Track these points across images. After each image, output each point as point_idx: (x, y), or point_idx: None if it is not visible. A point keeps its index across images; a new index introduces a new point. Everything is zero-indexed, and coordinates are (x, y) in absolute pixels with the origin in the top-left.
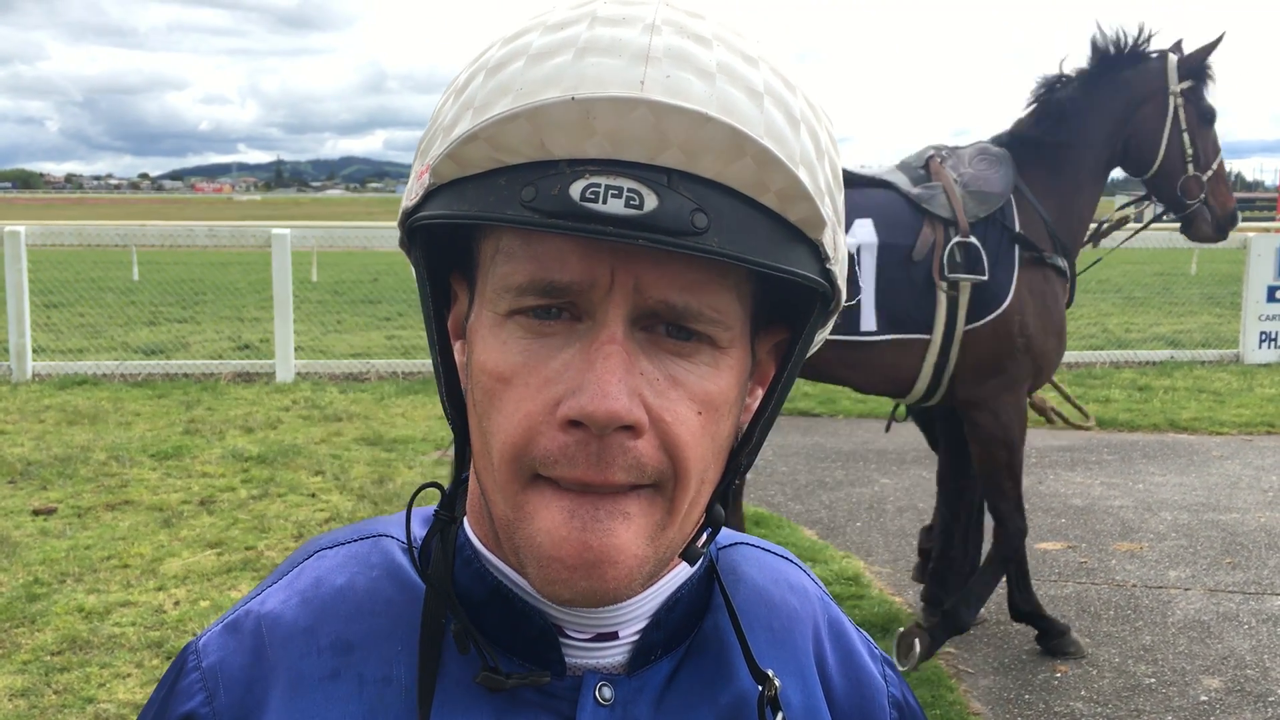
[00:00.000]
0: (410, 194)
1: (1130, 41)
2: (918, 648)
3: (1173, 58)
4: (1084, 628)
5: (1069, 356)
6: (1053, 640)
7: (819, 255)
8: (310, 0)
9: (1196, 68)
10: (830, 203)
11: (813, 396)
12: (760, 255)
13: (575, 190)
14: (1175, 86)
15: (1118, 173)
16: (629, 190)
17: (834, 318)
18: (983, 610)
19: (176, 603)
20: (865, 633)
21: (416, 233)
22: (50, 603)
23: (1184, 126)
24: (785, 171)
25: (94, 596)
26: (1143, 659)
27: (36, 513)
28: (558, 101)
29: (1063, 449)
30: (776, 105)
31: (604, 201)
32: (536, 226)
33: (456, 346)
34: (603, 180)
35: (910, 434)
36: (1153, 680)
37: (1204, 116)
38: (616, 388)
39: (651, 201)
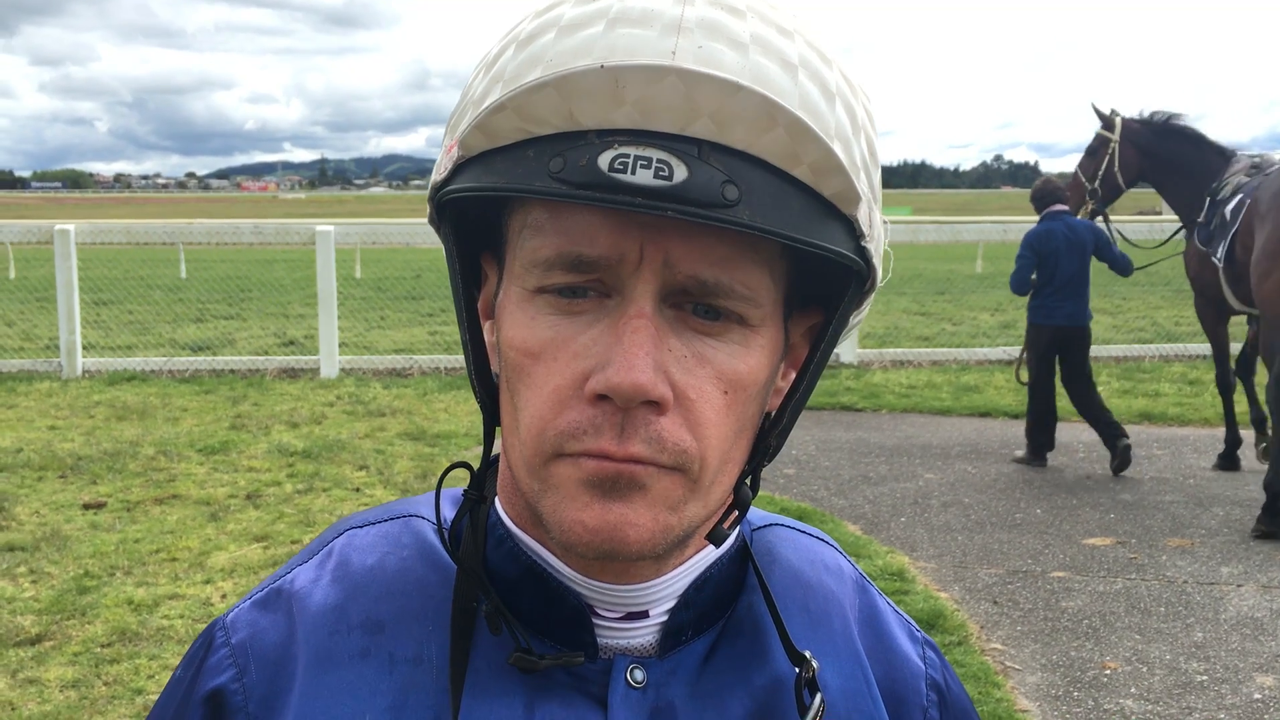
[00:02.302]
0: (440, 168)
1: None
2: None
3: None
4: (1134, 624)
5: (1117, 350)
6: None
7: (854, 232)
8: None
9: None
10: (866, 178)
11: (856, 391)
12: (792, 229)
13: (604, 160)
14: None
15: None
16: (658, 161)
17: (870, 298)
18: (1031, 606)
19: (224, 595)
20: (905, 614)
21: (446, 208)
22: (100, 595)
23: None
24: (819, 143)
25: (143, 589)
26: (1195, 656)
27: (86, 507)
28: (587, 69)
29: None
30: (811, 78)
31: (633, 172)
32: (564, 197)
33: (486, 327)
34: (632, 150)
35: (955, 428)
36: (1205, 678)
37: None
38: (643, 361)
39: (681, 172)
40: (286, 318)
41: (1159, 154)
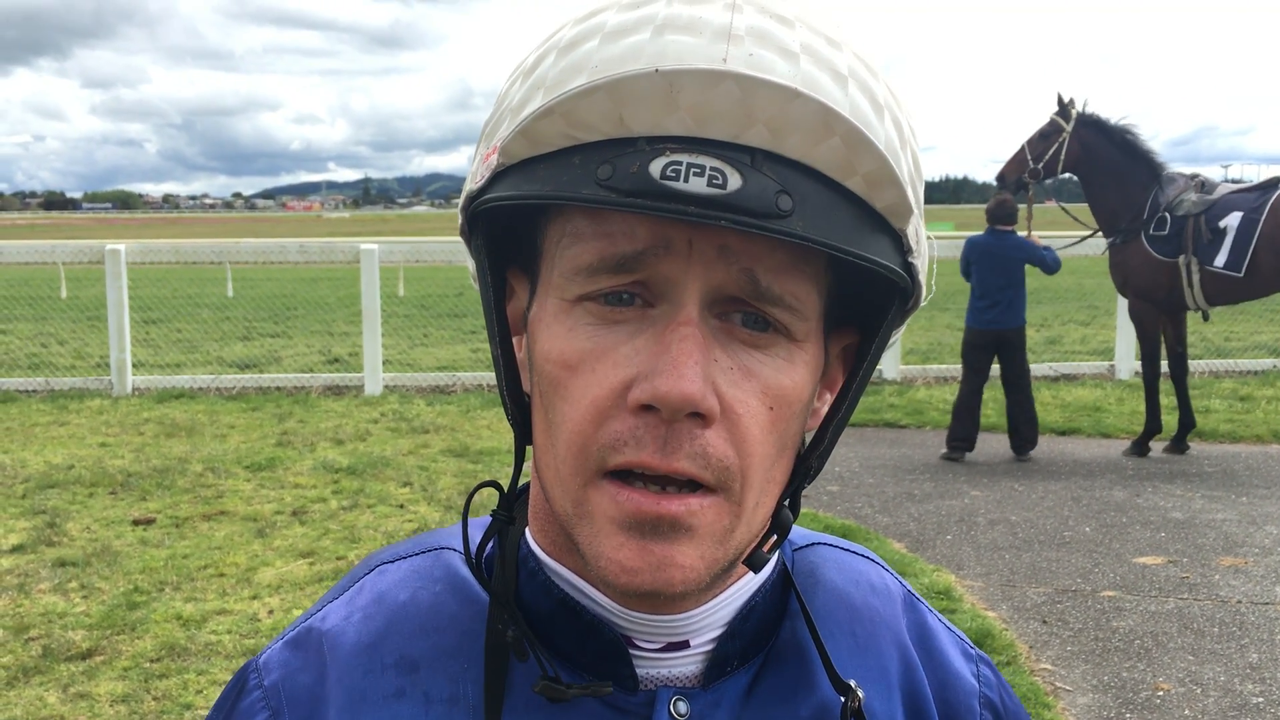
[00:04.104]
0: (475, 177)
1: None
2: None
3: None
4: (1187, 645)
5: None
6: None
7: (901, 247)
8: (401, 20)
9: None
10: (913, 191)
11: (899, 408)
12: (844, 242)
13: (655, 168)
14: None
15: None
16: (712, 169)
17: (910, 316)
18: (1081, 625)
19: (270, 611)
20: (959, 631)
21: (479, 219)
22: (150, 611)
23: None
24: (875, 153)
25: (191, 605)
26: (1250, 678)
27: (136, 523)
28: (640, 74)
29: (1160, 460)
30: (861, 89)
31: (685, 180)
32: (614, 206)
33: (515, 342)
34: (684, 158)
35: (1001, 445)
36: (1261, 700)
37: None
38: (692, 371)
39: (735, 181)
40: (331, 335)
41: (1100, 156)
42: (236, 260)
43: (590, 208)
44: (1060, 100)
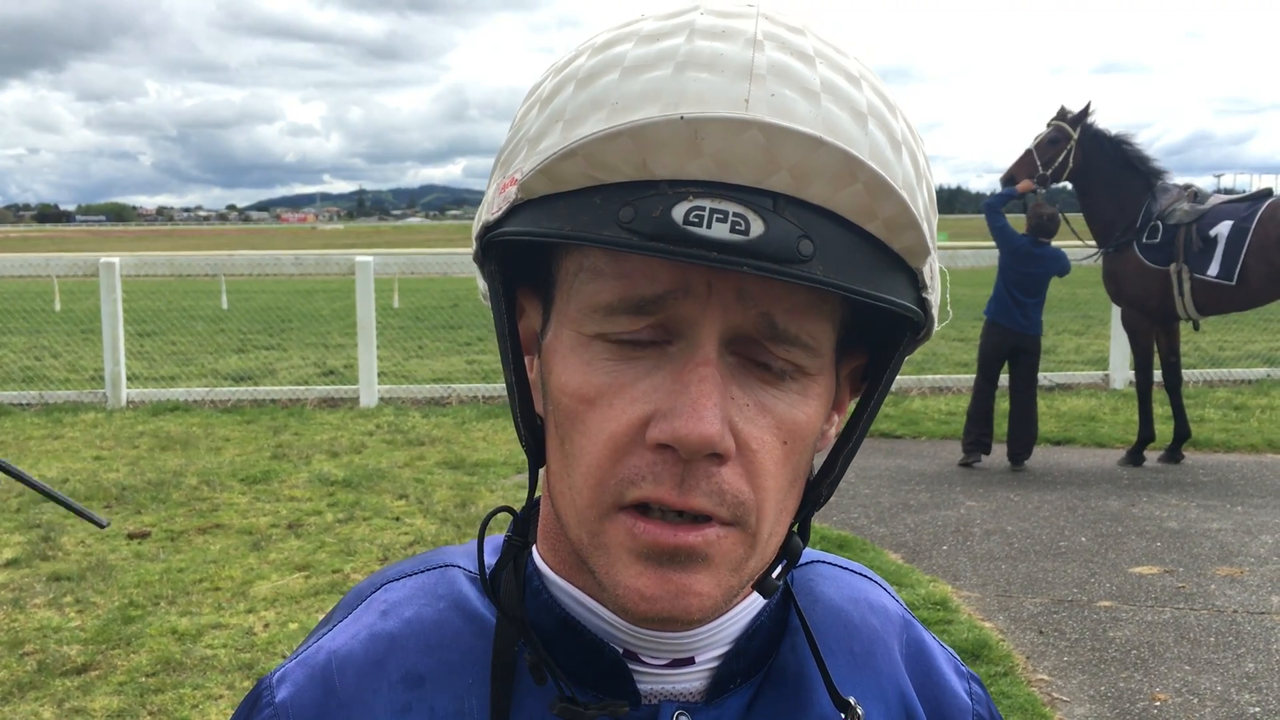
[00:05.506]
0: (491, 206)
1: None
2: None
3: None
4: (1183, 654)
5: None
6: None
7: (917, 283)
8: (397, 32)
9: None
10: (928, 227)
11: (894, 418)
12: (863, 284)
13: (678, 213)
14: None
15: None
16: (734, 214)
17: (922, 344)
18: (1077, 636)
19: (266, 625)
20: (951, 650)
21: (493, 246)
22: (145, 625)
23: None
24: (896, 199)
25: (187, 619)
26: (1246, 687)
27: (131, 536)
28: (664, 120)
29: (1156, 470)
30: (880, 127)
31: (708, 225)
32: (635, 249)
33: (527, 361)
34: (707, 203)
35: (996, 455)
36: (1258, 710)
37: None
38: (711, 412)
39: (758, 227)
40: (326, 348)
41: (1101, 166)
42: (231, 273)
43: (611, 249)
44: (1062, 109)
